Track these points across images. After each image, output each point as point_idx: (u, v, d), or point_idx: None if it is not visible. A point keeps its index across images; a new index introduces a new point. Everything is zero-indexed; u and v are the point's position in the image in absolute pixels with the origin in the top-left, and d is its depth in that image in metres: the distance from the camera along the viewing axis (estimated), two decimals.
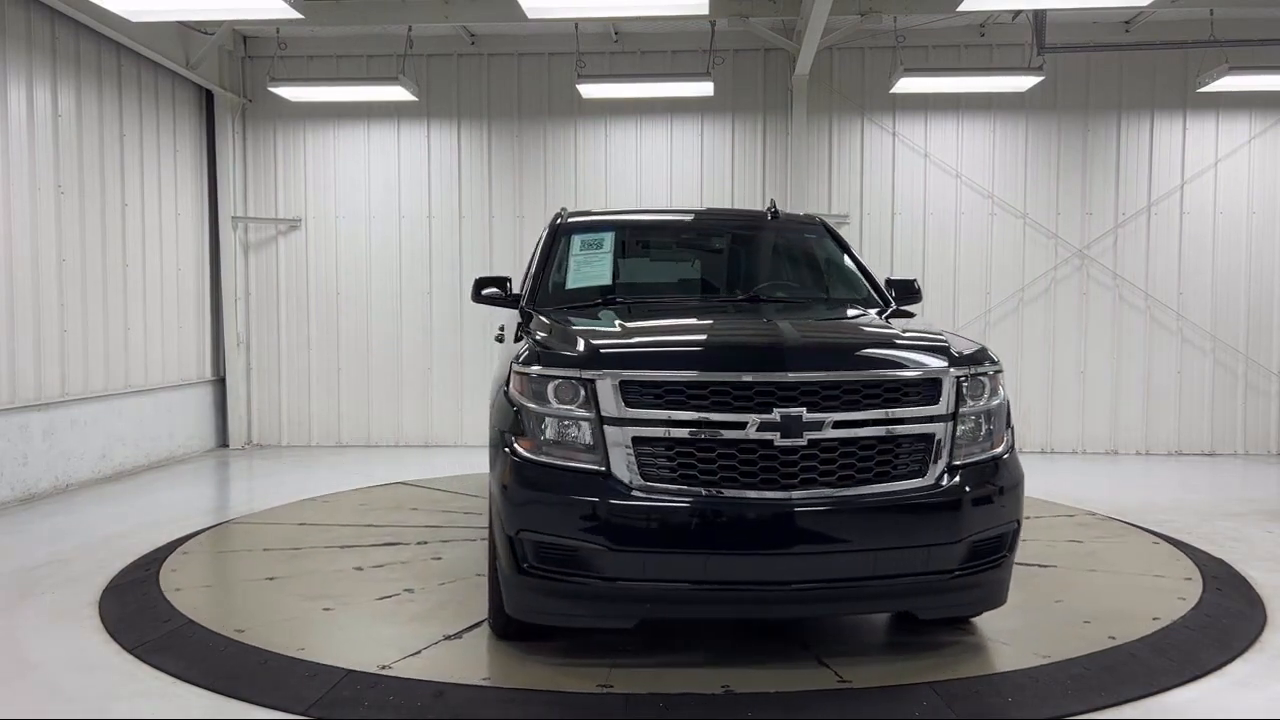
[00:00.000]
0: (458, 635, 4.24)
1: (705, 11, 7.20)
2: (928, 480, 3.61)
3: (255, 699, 3.64)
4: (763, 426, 3.48)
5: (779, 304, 4.80)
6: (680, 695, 3.60)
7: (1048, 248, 9.83)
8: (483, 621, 4.34)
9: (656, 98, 9.63)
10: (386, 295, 10.24)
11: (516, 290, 5.21)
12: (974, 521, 3.62)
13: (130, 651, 4.13)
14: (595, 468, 3.57)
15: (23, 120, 7.48)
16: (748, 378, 3.55)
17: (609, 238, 5.19)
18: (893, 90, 9.12)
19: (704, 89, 9.11)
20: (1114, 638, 4.18)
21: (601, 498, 3.50)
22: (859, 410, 3.57)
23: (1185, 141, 9.74)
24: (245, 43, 10.09)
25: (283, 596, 4.85)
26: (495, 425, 3.96)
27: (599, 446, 3.56)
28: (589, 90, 9.21)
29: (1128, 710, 3.53)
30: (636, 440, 3.54)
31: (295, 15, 7.20)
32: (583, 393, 3.60)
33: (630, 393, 3.57)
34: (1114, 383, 9.75)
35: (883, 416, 3.59)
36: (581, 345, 3.75)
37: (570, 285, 4.95)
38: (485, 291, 5.03)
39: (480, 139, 10.14)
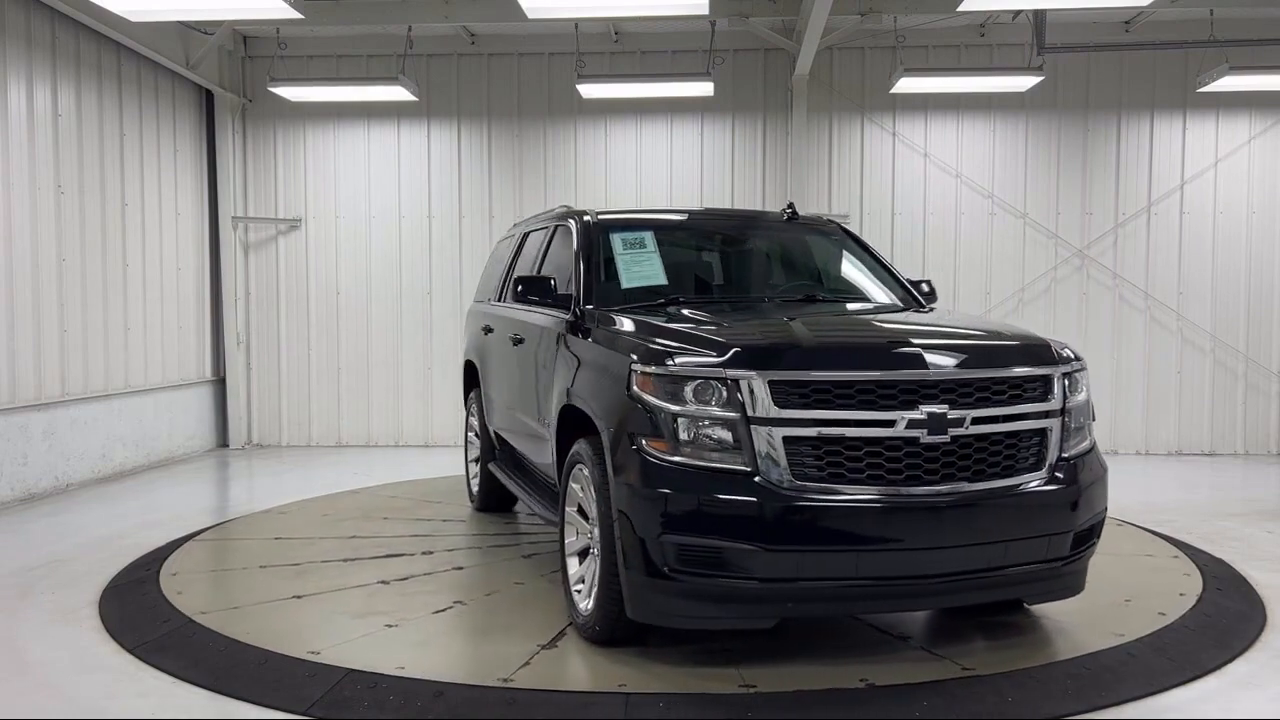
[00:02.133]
0: (551, 644, 4.13)
1: (705, 11, 7.20)
2: (1044, 473, 3.79)
3: (255, 699, 3.64)
4: (911, 424, 3.56)
5: (833, 303, 5.00)
6: (822, 691, 3.62)
7: (1048, 248, 9.83)
8: (565, 629, 4.26)
9: (656, 98, 9.63)
10: (386, 295, 10.24)
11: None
12: (1083, 511, 3.84)
13: (130, 651, 4.14)
14: (742, 468, 3.54)
15: (23, 120, 7.48)
16: (896, 376, 3.62)
17: (649, 237, 5.14)
18: (893, 90, 9.12)
19: (704, 89, 9.11)
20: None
21: (755, 499, 3.49)
22: (992, 406, 3.71)
23: (1185, 141, 9.74)
24: (245, 43, 10.09)
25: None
26: (613, 427, 3.82)
27: (746, 447, 3.54)
28: (589, 90, 9.21)
29: (1127, 710, 3.54)
30: (787, 440, 3.54)
31: (295, 15, 7.20)
32: (726, 393, 3.57)
33: (780, 392, 3.56)
34: (1114, 382, 9.75)
35: (1012, 412, 3.75)
36: (722, 345, 3.71)
37: (625, 285, 4.83)
38: (530, 291, 4.85)
39: (480, 139, 10.14)
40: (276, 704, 3.59)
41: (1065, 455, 3.86)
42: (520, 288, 4.87)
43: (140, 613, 4.63)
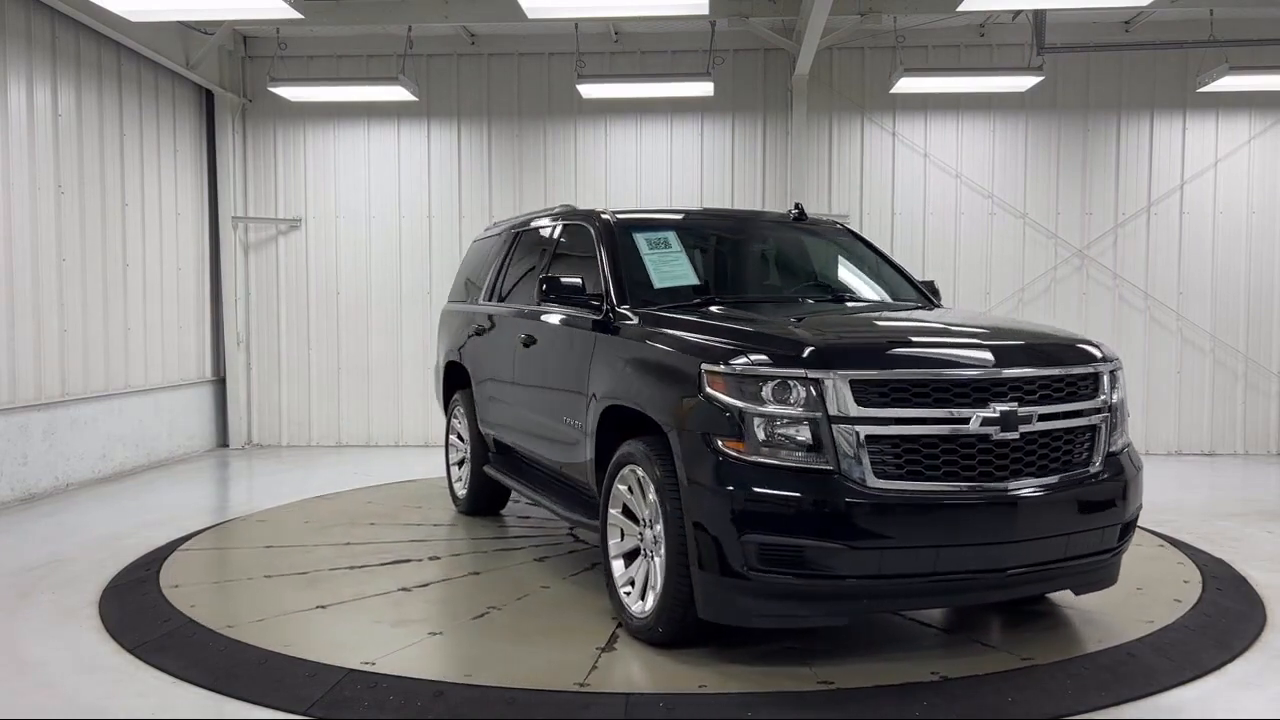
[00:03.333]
0: (609, 647, 4.08)
1: (705, 11, 7.20)
2: (1096, 467, 3.91)
3: (255, 699, 3.64)
4: (985, 422, 3.64)
5: (863, 303, 5.10)
6: (899, 686, 3.68)
7: (1047, 247, 9.83)
8: (615, 631, 4.24)
9: (656, 98, 9.63)
10: (386, 295, 10.24)
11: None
12: (1129, 503, 4.00)
13: (130, 651, 4.13)
14: (824, 467, 3.57)
15: (23, 120, 7.48)
16: (970, 375, 3.71)
17: (672, 236, 5.14)
18: (893, 90, 9.12)
19: (704, 89, 9.11)
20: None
21: (840, 497, 3.51)
22: (1053, 403, 3.82)
23: (1185, 141, 9.74)
24: (245, 43, 10.09)
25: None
26: (684, 428, 3.79)
27: (827, 446, 3.57)
28: (589, 90, 9.21)
29: (1127, 710, 3.54)
30: (870, 439, 3.57)
31: (295, 15, 7.20)
32: (806, 392, 3.59)
33: (862, 392, 3.60)
34: None
35: (1071, 409, 3.87)
36: (802, 345, 3.72)
37: (658, 285, 4.82)
38: (559, 292, 4.75)
39: (480, 139, 10.14)
40: (276, 704, 3.59)
41: (1112, 450, 4.00)
42: (546, 288, 4.76)
43: (140, 612, 4.62)
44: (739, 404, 3.64)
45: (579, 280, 4.77)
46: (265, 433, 10.38)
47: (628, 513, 4.26)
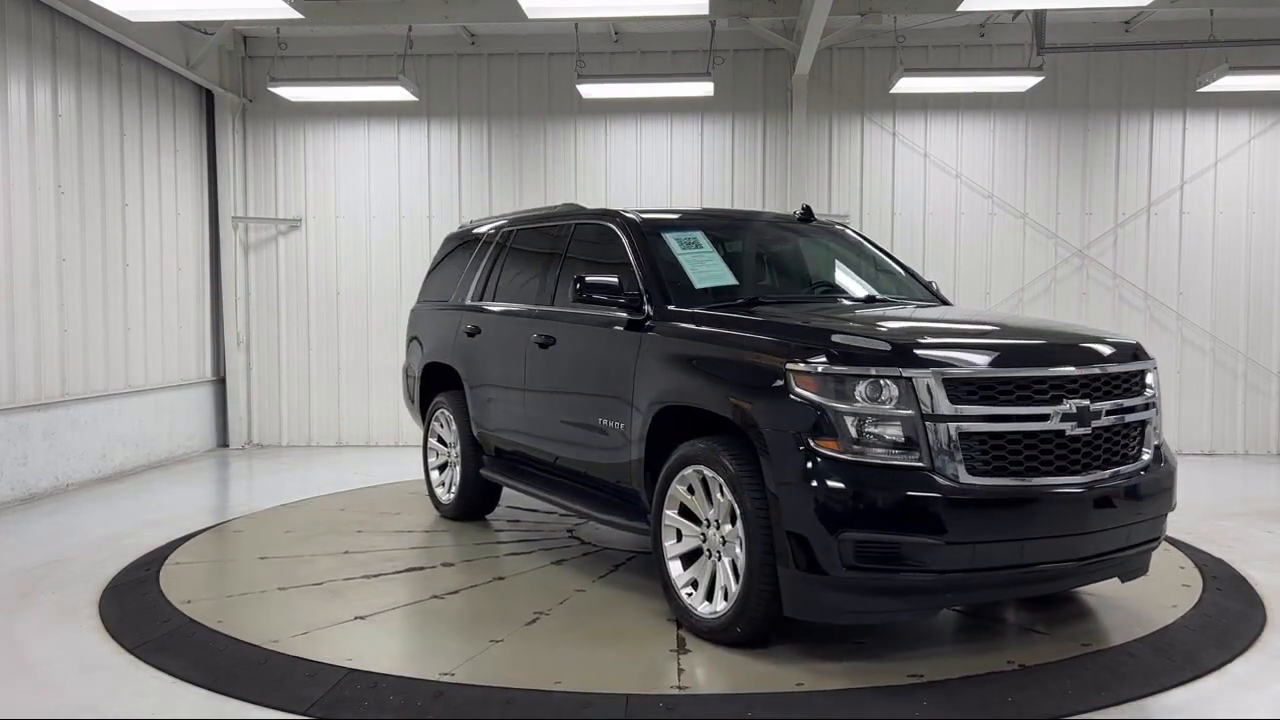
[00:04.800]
0: (682, 649, 4.06)
1: (705, 11, 7.20)
2: (1148, 460, 4.10)
3: (255, 699, 3.64)
4: (1063, 418, 3.78)
5: (892, 303, 5.16)
6: (983, 675, 3.77)
7: (1047, 247, 9.83)
8: (680, 632, 4.22)
9: (656, 98, 9.63)
10: (386, 295, 10.23)
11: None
12: (1174, 494, 4.23)
13: (130, 651, 4.14)
14: (918, 464, 3.63)
15: (23, 120, 7.48)
16: (1050, 372, 3.85)
17: (700, 236, 5.15)
18: (893, 90, 9.12)
19: (704, 89, 9.11)
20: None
21: (937, 494, 3.59)
22: (1115, 399, 3.99)
23: (1185, 141, 9.74)
24: (245, 43, 10.09)
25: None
26: (768, 428, 3.80)
27: (921, 443, 3.63)
28: (589, 90, 9.21)
29: (1128, 710, 3.54)
30: (962, 435, 3.66)
31: (295, 15, 7.20)
32: (900, 391, 3.65)
33: (953, 389, 3.69)
34: None
35: (1128, 404, 4.04)
36: (894, 344, 3.79)
37: (699, 285, 4.80)
38: (595, 292, 4.68)
39: (480, 139, 10.14)
40: (276, 704, 3.59)
41: (1155, 444, 4.19)
42: (581, 287, 4.68)
43: (140, 612, 4.62)
44: (832, 403, 3.68)
45: (616, 279, 4.72)
46: (265, 433, 10.38)
47: (684, 514, 4.27)
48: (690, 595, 4.21)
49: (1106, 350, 4.12)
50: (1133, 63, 9.65)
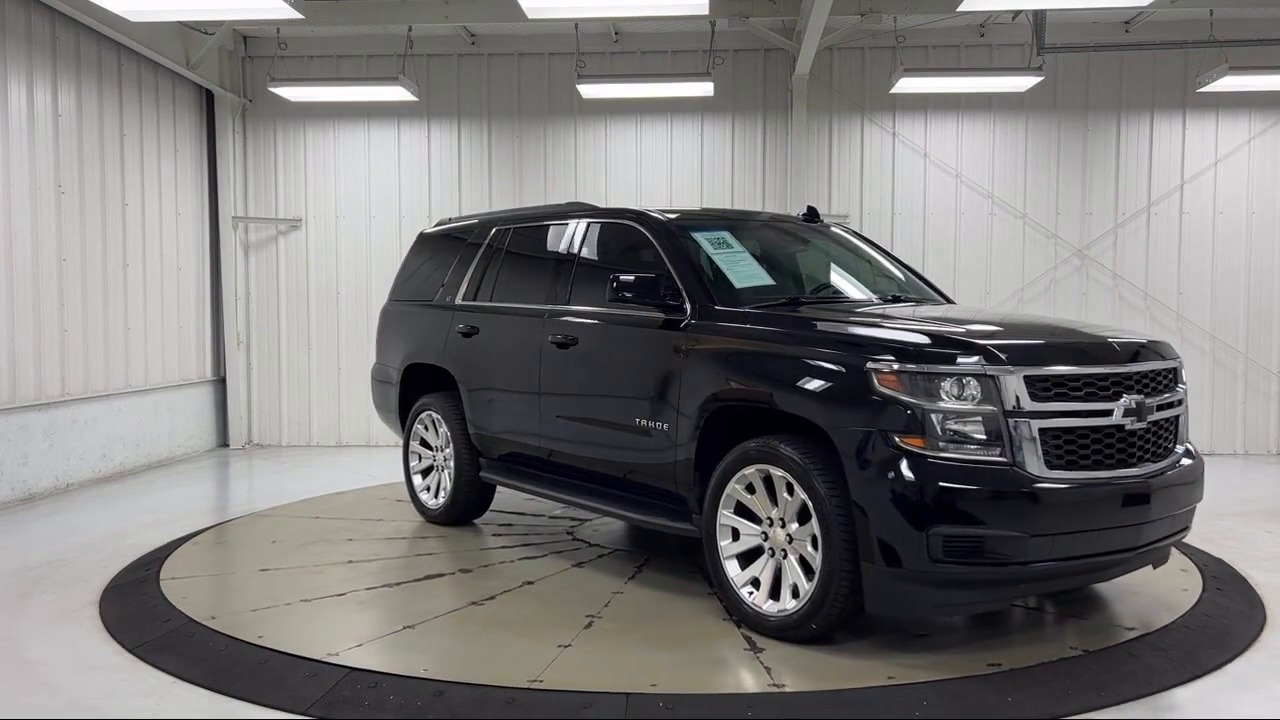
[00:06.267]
0: (755, 649, 4.05)
1: (705, 11, 7.20)
2: (1181, 452, 4.30)
3: (255, 699, 3.64)
4: (1125, 412, 3.95)
5: (916, 302, 5.28)
6: (1056, 663, 3.89)
7: (1047, 247, 9.83)
8: (744, 631, 4.23)
9: (656, 98, 9.63)
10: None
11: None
12: (1203, 485, 4.39)
13: (130, 651, 4.14)
14: (1001, 460, 3.73)
15: (23, 120, 7.48)
16: (1115, 370, 4.03)
17: (728, 236, 5.16)
18: (893, 90, 9.12)
19: (704, 89, 9.11)
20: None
21: (1022, 488, 3.70)
22: (1162, 395, 4.21)
23: (1185, 141, 9.74)
24: (245, 43, 10.09)
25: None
26: (850, 426, 3.84)
27: (1005, 439, 3.74)
28: (589, 90, 9.21)
29: (1127, 710, 3.54)
30: (1042, 431, 3.79)
31: (295, 15, 7.20)
32: (983, 388, 3.76)
33: (1034, 386, 3.81)
34: None
35: (1171, 399, 4.27)
36: (976, 343, 3.89)
37: (739, 285, 4.82)
38: (633, 291, 4.66)
39: (480, 139, 10.14)
40: (276, 704, 3.59)
41: (1185, 437, 4.42)
42: (618, 286, 4.65)
43: (140, 612, 4.62)
44: (919, 401, 3.75)
45: (655, 278, 4.70)
46: (265, 433, 10.38)
47: (744, 511, 4.28)
48: (751, 594, 4.24)
49: (1154, 349, 4.34)
50: (1133, 63, 9.65)
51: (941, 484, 3.66)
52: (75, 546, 5.96)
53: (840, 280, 5.55)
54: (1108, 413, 3.92)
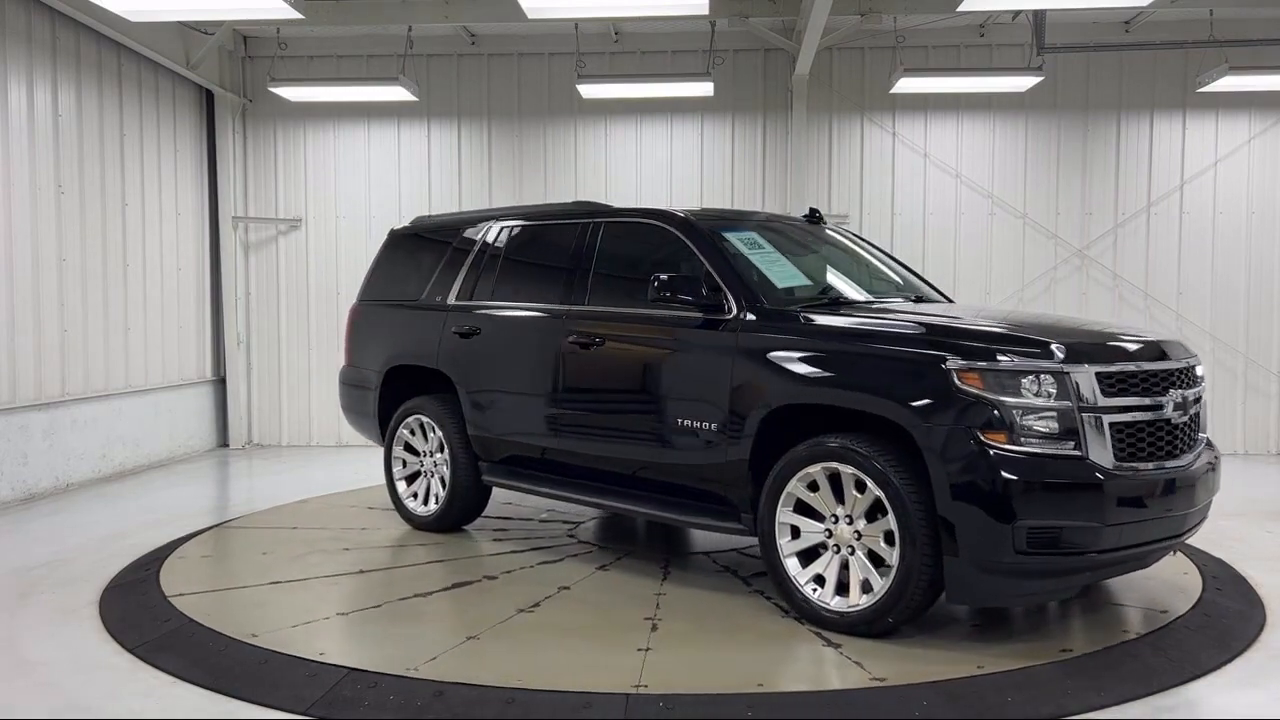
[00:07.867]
0: (831, 644, 4.09)
1: (705, 11, 7.20)
2: (1203, 446, 4.50)
3: (256, 699, 3.64)
4: (1174, 406, 4.20)
5: (934, 302, 5.45)
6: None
7: (1047, 247, 9.83)
8: (809, 628, 4.25)
9: (656, 98, 9.63)
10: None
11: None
12: (1220, 474, 4.56)
13: (130, 651, 4.14)
14: (1075, 453, 3.89)
15: (23, 120, 7.48)
16: (1166, 366, 4.27)
17: (757, 236, 5.19)
18: (892, 90, 9.12)
19: (704, 89, 9.11)
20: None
21: (1098, 480, 3.86)
22: (1194, 389, 4.42)
23: (1185, 141, 9.74)
24: (245, 43, 10.09)
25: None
26: (930, 422, 3.91)
27: (1078, 433, 3.90)
28: (589, 90, 9.21)
29: (1127, 710, 3.54)
30: (1112, 425, 3.97)
31: (295, 15, 7.20)
32: (1059, 385, 3.90)
33: (1104, 383, 4.00)
34: None
35: (1199, 394, 4.49)
36: (1051, 342, 4.02)
37: (780, 285, 4.90)
38: (675, 291, 4.64)
39: (480, 139, 10.14)
40: (277, 704, 3.59)
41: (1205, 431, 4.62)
42: (660, 285, 4.62)
43: (140, 612, 4.62)
44: (1000, 398, 3.88)
45: (699, 277, 4.74)
46: (265, 433, 10.38)
47: (804, 508, 4.32)
48: (815, 591, 4.28)
49: (1185, 345, 4.57)
50: (1133, 63, 9.65)
51: (1024, 478, 3.79)
52: (75, 546, 5.96)
53: (863, 281, 5.57)
54: (1160, 407, 4.13)
